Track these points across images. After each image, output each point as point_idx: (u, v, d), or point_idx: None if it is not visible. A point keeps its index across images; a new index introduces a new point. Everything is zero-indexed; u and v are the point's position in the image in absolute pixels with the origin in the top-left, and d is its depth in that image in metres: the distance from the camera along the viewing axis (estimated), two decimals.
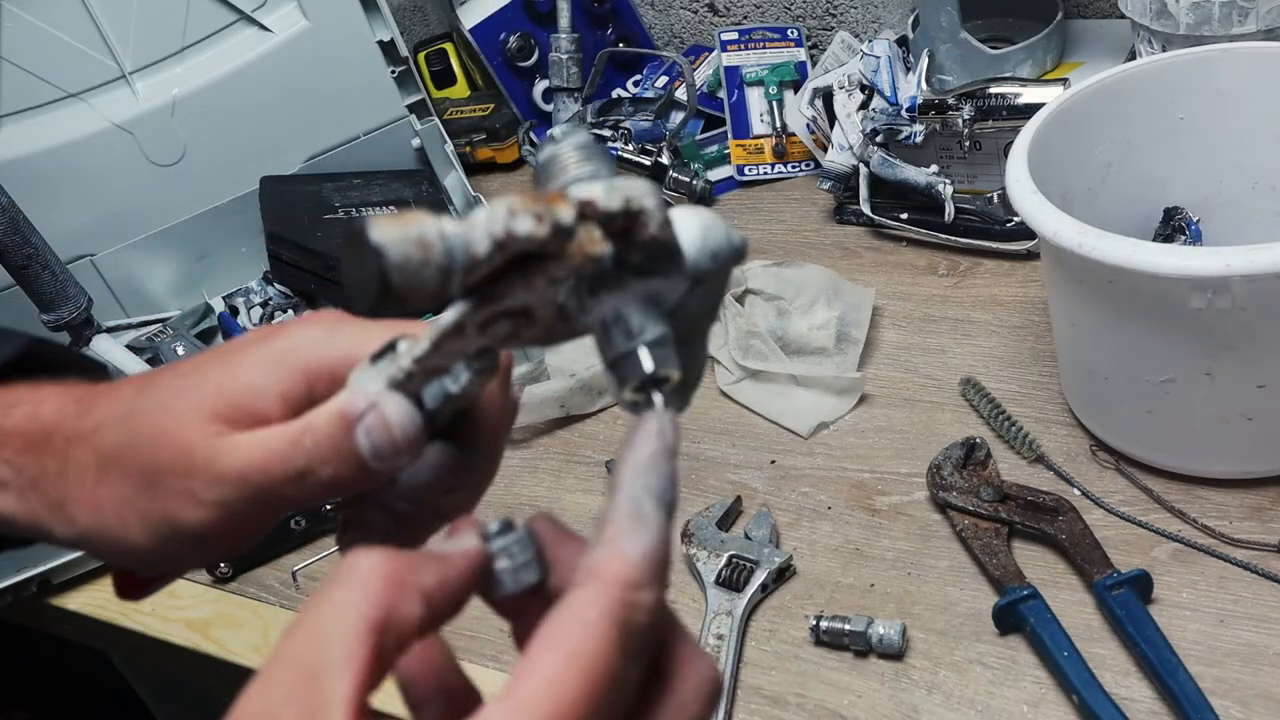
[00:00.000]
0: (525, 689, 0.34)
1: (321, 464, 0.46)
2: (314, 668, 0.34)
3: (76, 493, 0.49)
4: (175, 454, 0.47)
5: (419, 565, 0.38)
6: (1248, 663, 0.70)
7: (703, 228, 0.43)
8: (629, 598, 0.36)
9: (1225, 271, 0.68)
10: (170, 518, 0.47)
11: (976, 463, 0.86)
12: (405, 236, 0.36)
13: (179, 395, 0.48)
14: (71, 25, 1.14)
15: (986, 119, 1.09)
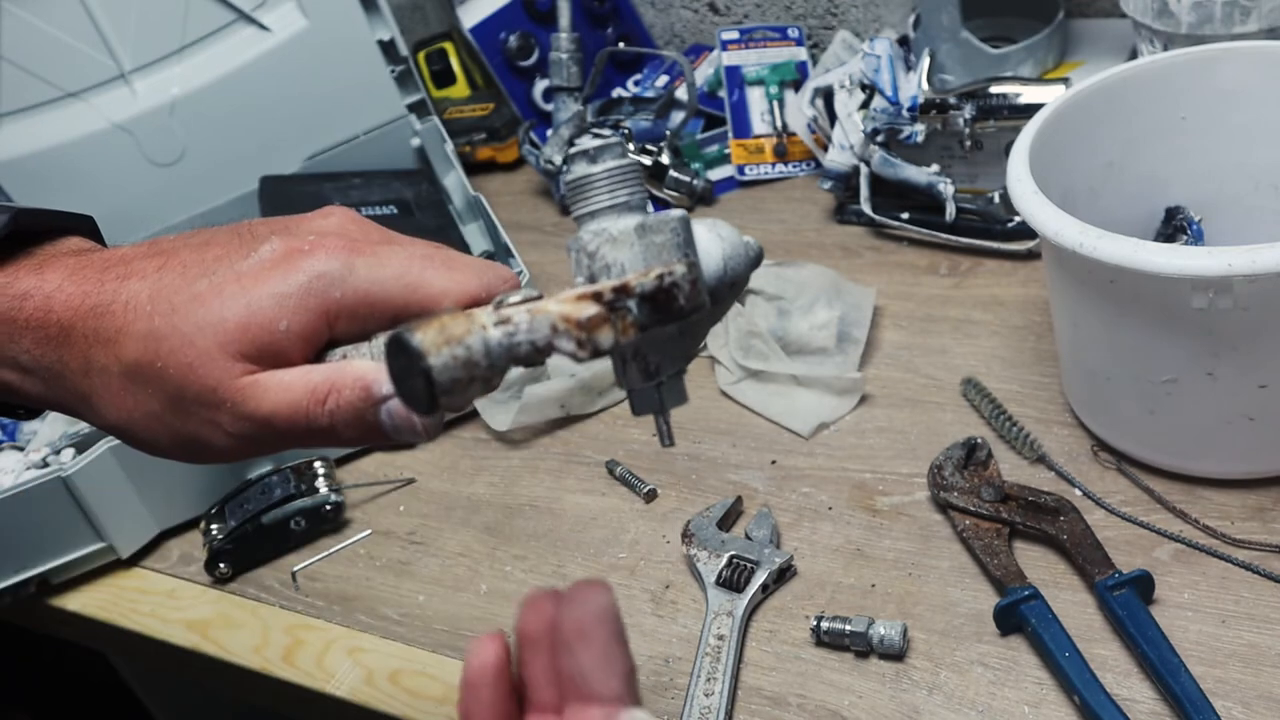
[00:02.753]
0: None
1: (345, 427, 0.49)
2: None
3: (104, 394, 0.52)
4: (202, 389, 0.50)
5: None
6: (1249, 663, 0.70)
7: (724, 259, 0.45)
8: None
9: (1227, 271, 0.68)
10: (197, 439, 0.51)
11: (978, 463, 0.85)
12: (453, 357, 0.40)
13: (202, 329, 0.49)
14: (70, 25, 1.14)
15: (988, 118, 1.09)
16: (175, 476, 0.98)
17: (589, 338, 0.41)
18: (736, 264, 0.45)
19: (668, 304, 0.42)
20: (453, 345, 0.39)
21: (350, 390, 0.49)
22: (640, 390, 0.44)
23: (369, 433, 0.49)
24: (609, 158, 0.44)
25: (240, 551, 0.95)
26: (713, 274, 0.45)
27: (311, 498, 0.96)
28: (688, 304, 0.42)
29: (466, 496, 0.99)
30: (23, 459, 1.01)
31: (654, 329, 0.42)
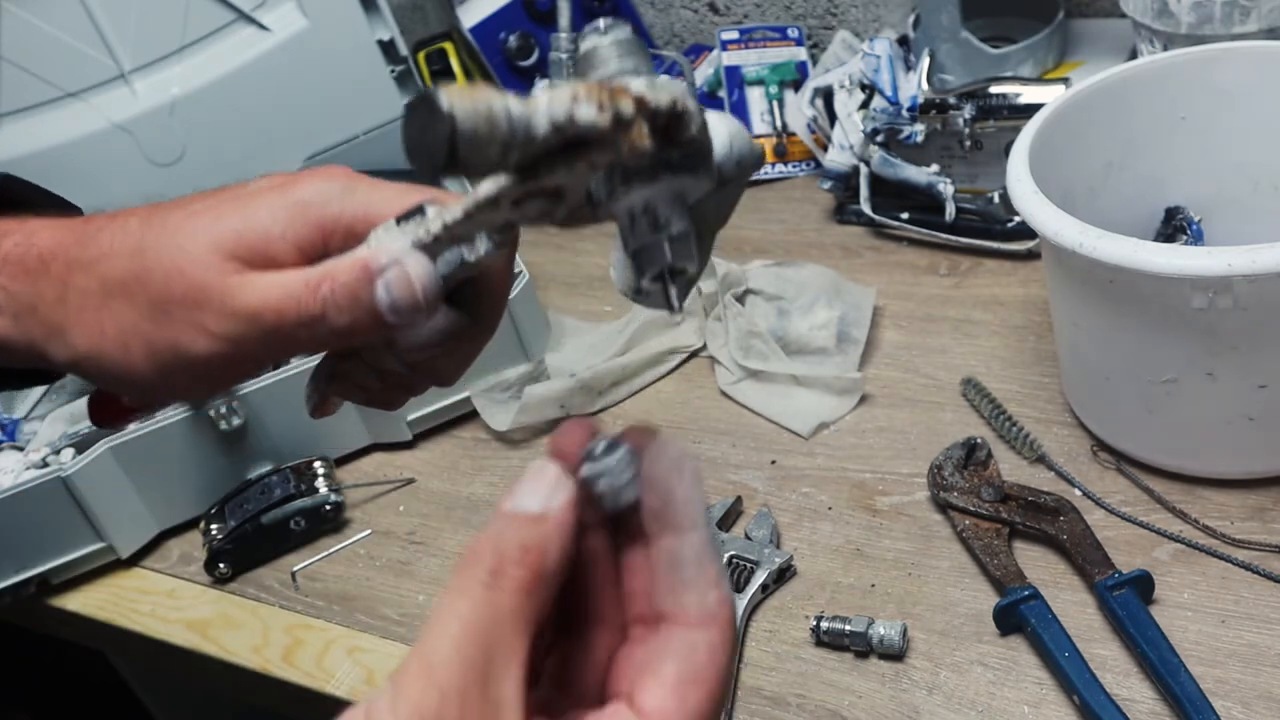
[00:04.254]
0: (656, 700, 0.37)
1: (337, 312, 0.47)
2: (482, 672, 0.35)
3: (76, 318, 0.49)
4: (188, 288, 0.48)
5: (550, 547, 0.38)
6: (1249, 663, 0.70)
7: (730, 135, 0.45)
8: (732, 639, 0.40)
9: (1227, 271, 0.68)
10: (177, 347, 0.48)
11: (977, 463, 0.85)
12: (475, 110, 0.38)
13: (194, 235, 0.48)
14: (70, 24, 1.14)
15: (987, 118, 1.09)
16: (175, 476, 0.98)
17: (610, 102, 0.39)
18: (742, 145, 0.45)
19: (678, 127, 0.41)
20: (477, 101, 0.38)
21: (346, 272, 0.47)
22: (648, 245, 0.43)
23: (363, 317, 0.47)
24: (618, 32, 0.43)
25: (240, 551, 0.95)
26: (720, 146, 0.44)
27: (311, 498, 0.96)
28: (698, 134, 0.42)
29: (466, 496, 0.99)
30: (22, 459, 1.01)
31: (663, 175, 0.42)
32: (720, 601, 0.39)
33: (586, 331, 1.11)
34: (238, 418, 0.97)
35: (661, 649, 0.38)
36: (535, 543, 0.37)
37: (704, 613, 0.38)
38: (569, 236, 1.30)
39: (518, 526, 0.37)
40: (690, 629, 0.38)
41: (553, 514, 0.38)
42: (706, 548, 0.39)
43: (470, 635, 0.35)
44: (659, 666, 0.38)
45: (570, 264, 1.21)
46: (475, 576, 0.36)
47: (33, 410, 1.11)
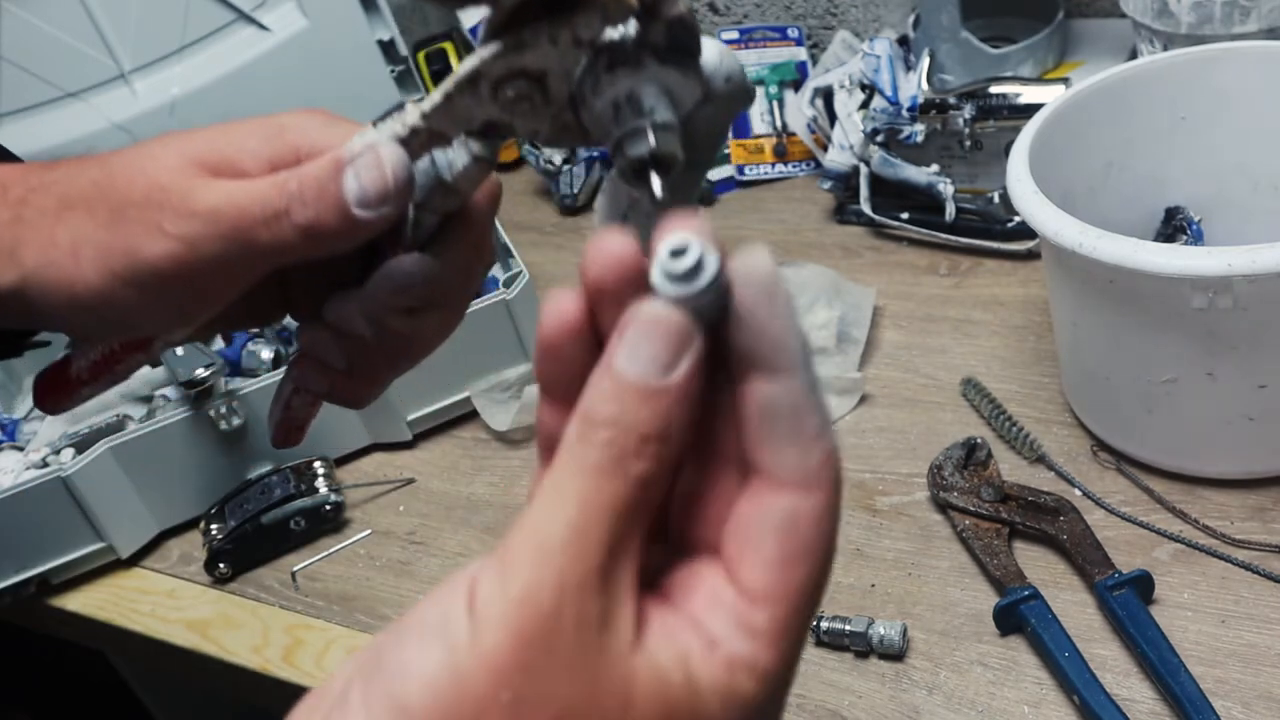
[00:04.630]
0: (758, 579, 0.33)
1: (301, 206, 0.44)
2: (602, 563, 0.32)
3: (29, 234, 0.47)
4: (148, 189, 0.46)
5: (675, 428, 0.33)
6: (1249, 663, 0.70)
7: (720, 51, 0.44)
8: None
9: (1227, 271, 0.68)
10: (130, 250, 0.45)
11: (977, 463, 0.85)
12: None
13: (165, 145, 0.47)
14: (70, 24, 1.14)
15: (987, 118, 1.09)
16: (175, 476, 0.98)
17: None
18: (731, 62, 0.44)
19: (663, 6, 0.40)
20: None
21: (315, 166, 0.45)
22: (631, 129, 0.40)
23: (329, 213, 0.44)
24: None
25: (240, 551, 0.95)
26: (709, 58, 0.43)
27: (311, 498, 0.96)
28: (684, 15, 0.41)
29: (466, 496, 0.99)
30: (22, 459, 1.01)
31: (647, 62, 0.40)
32: (824, 460, 0.34)
33: None
34: (238, 418, 0.98)
35: (760, 517, 0.34)
36: (659, 429, 0.32)
37: (806, 474, 0.34)
38: (568, 236, 1.30)
39: (640, 404, 0.32)
40: (791, 493, 0.34)
41: (678, 384, 0.32)
42: (808, 395, 0.34)
43: (590, 522, 0.31)
44: (759, 540, 0.33)
45: (570, 264, 1.21)
46: (592, 458, 0.32)
47: (33, 410, 1.11)
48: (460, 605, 0.31)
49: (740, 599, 0.33)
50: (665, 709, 0.31)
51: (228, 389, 0.99)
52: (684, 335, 0.32)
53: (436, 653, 0.30)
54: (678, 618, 0.33)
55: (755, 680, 0.32)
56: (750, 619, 0.33)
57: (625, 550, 0.32)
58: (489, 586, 0.31)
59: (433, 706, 0.29)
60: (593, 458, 0.32)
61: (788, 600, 0.33)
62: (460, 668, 0.30)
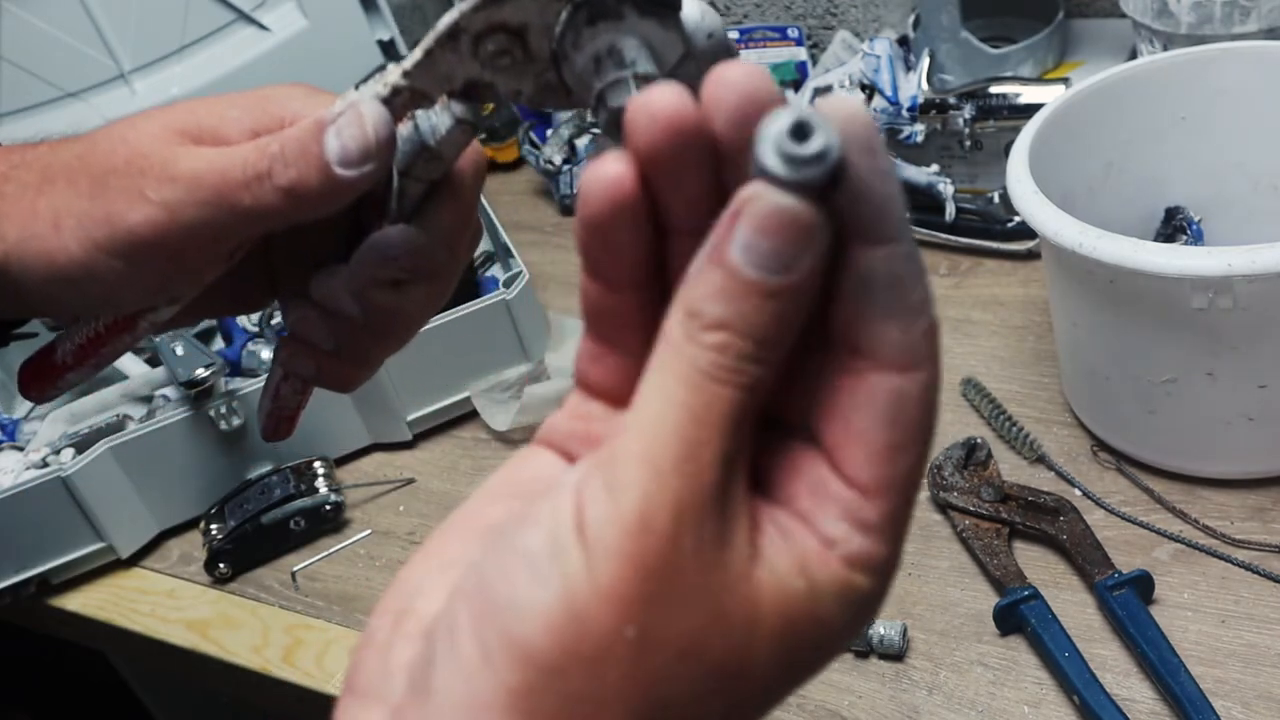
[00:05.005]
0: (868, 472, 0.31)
1: (283, 166, 0.44)
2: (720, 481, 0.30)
3: (9, 208, 0.47)
4: (129, 157, 0.45)
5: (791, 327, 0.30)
6: (1249, 663, 0.70)
7: (701, 8, 0.43)
8: None
9: (1227, 271, 0.68)
10: (111, 217, 0.45)
11: (977, 463, 0.85)
12: None
13: (147, 117, 0.47)
14: (70, 24, 1.14)
15: (987, 118, 1.09)
16: (175, 476, 0.98)
17: None
18: (714, 19, 0.43)
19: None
20: None
21: (297, 127, 0.45)
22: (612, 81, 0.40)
23: (310, 172, 0.44)
24: None
25: (240, 551, 0.95)
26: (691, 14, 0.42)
27: (311, 498, 0.96)
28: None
29: (466, 497, 0.98)
30: (22, 459, 1.01)
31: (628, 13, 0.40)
32: (927, 333, 0.33)
33: None
34: (237, 418, 0.98)
35: (864, 402, 0.32)
36: (777, 333, 0.29)
37: (911, 350, 0.33)
38: (569, 236, 1.29)
39: (759, 304, 0.29)
40: (896, 374, 0.32)
41: (799, 282, 0.29)
42: (911, 263, 0.32)
43: (703, 435, 0.29)
44: (865, 428, 0.32)
45: (570, 264, 1.21)
46: (702, 361, 0.29)
47: (33, 410, 1.11)
48: (568, 529, 0.29)
49: (850, 491, 0.31)
50: (787, 619, 0.30)
51: (228, 389, 0.99)
52: (810, 229, 0.29)
53: (552, 586, 0.28)
54: (788, 516, 0.31)
55: (871, 575, 0.31)
56: (862, 513, 0.31)
57: (738, 461, 0.30)
58: (597, 507, 0.29)
59: (556, 648, 0.28)
60: (703, 361, 0.29)
61: (896, 490, 0.32)
62: (579, 603, 0.28)
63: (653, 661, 0.28)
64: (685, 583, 0.28)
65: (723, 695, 0.29)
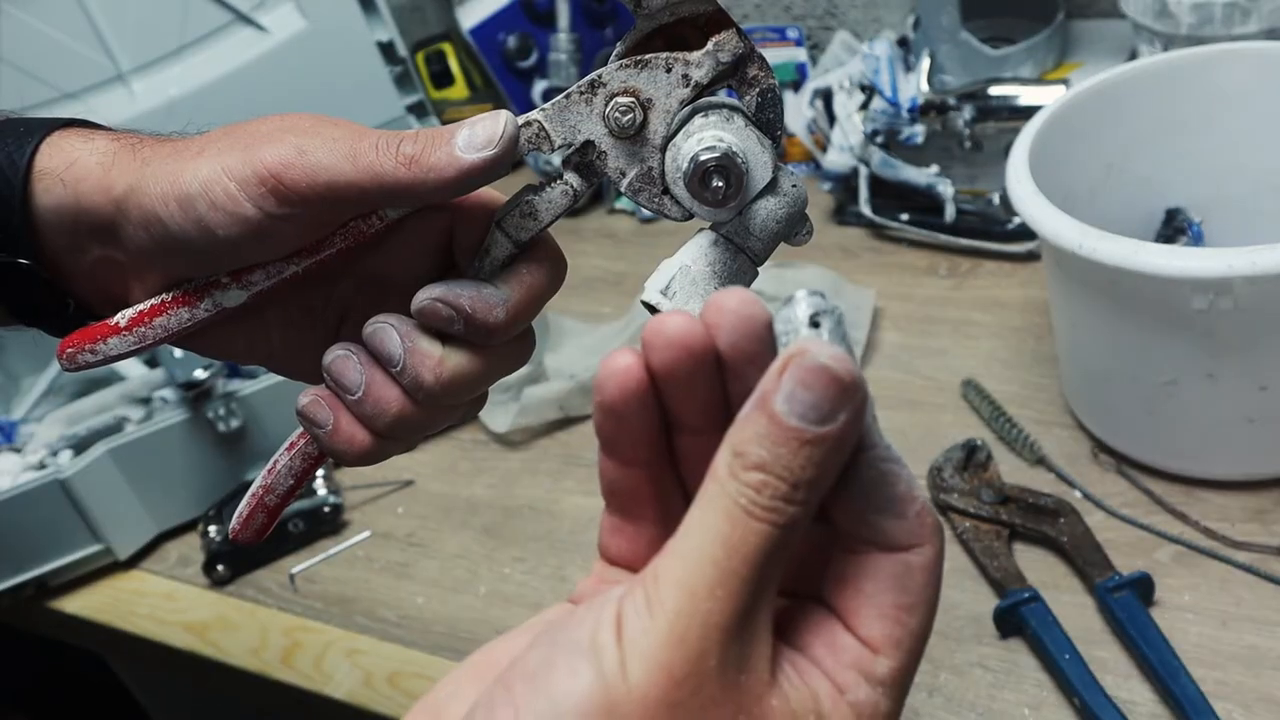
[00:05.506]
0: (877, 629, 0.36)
1: (413, 141, 0.46)
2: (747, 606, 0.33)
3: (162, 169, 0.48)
4: (280, 123, 0.48)
5: (829, 474, 0.34)
6: (1250, 665, 0.70)
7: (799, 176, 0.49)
8: None
9: (1227, 273, 0.68)
10: (248, 152, 0.47)
11: (977, 465, 0.85)
12: None
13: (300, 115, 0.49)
14: (68, 25, 1.14)
15: (987, 120, 1.09)
16: (174, 478, 0.98)
17: None
18: (802, 184, 0.49)
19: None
20: None
21: (437, 128, 0.48)
22: (710, 144, 0.45)
23: (436, 148, 0.46)
24: None
25: (238, 553, 0.95)
26: (787, 167, 0.48)
27: (310, 499, 0.96)
28: (779, 108, 0.47)
29: (465, 498, 0.98)
30: (20, 461, 1.01)
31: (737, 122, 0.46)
32: (921, 516, 0.36)
33: (586, 333, 1.11)
34: (236, 419, 0.97)
35: (872, 572, 0.36)
36: (813, 477, 0.32)
37: (907, 534, 0.36)
38: (568, 238, 1.29)
39: (797, 450, 0.32)
40: (899, 553, 0.36)
41: (838, 433, 0.32)
42: (893, 463, 0.36)
43: (737, 565, 0.32)
44: (873, 592, 0.36)
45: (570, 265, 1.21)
46: (743, 499, 0.32)
47: (31, 412, 1.10)
48: (609, 633, 0.32)
49: (861, 648, 0.35)
50: None
51: (226, 391, 0.99)
52: (849, 384, 0.32)
53: (589, 677, 0.31)
54: (805, 661, 0.35)
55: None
56: (872, 668, 0.35)
57: (766, 593, 0.33)
58: (637, 619, 0.32)
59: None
60: (744, 500, 0.32)
61: (904, 648, 0.35)
62: (612, 696, 0.31)
63: None
64: (708, 695, 0.32)
65: None
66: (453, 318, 0.48)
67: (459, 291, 0.48)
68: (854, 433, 0.33)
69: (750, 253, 0.50)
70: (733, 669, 0.32)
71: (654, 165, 0.47)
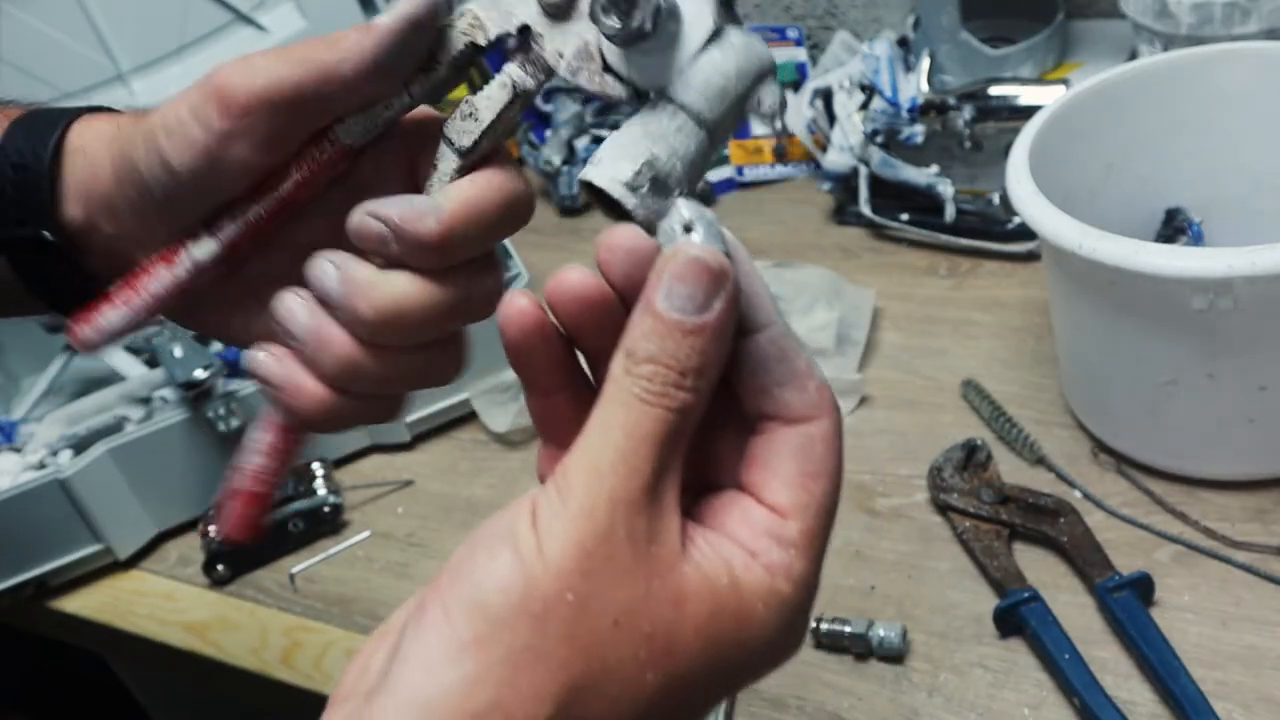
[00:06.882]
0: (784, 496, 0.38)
1: (343, 33, 0.48)
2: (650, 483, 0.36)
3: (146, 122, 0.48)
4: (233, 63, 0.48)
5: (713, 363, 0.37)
6: (1250, 665, 0.70)
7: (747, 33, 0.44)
8: None
9: (1227, 273, 0.68)
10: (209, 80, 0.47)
11: (977, 465, 0.85)
12: None
13: None
14: (68, 25, 1.14)
15: (987, 119, 1.09)
16: (173, 477, 0.98)
17: None
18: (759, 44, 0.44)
19: None
20: None
21: None
22: None
23: (365, 34, 0.48)
24: None
25: (238, 553, 0.95)
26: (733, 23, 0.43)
27: (309, 499, 0.96)
28: None
29: (465, 498, 0.98)
30: (20, 460, 1.01)
31: None
32: (821, 391, 0.38)
33: None
34: (236, 419, 0.97)
35: (777, 446, 0.38)
36: (697, 364, 0.36)
37: (808, 406, 0.38)
38: (568, 237, 1.29)
39: (679, 340, 0.36)
40: (799, 425, 0.38)
41: (714, 321, 0.36)
42: (791, 340, 0.39)
43: (636, 447, 0.35)
44: (779, 464, 0.38)
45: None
46: (636, 390, 0.36)
47: (31, 412, 1.10)
48: (525, 521, 0.35)
49: (771, 515, 0.38)
50: (714, 609, 0.36)
51: (226, 390, 0.99)
52: (719, 274, 0.36)
53: (507, 560, 0.34)
54: (717, 534, 0.37)
55: (792, 584, 0.38)
56: (782, 531, 0.37)
57: (668, 473, 0.36)
58: (548, 504, 0.35)
59: (507, 605, 0.33)
60: (637, 390, 0.35)
61: (812, 512, 0.38)
62: (529, 572, 0.34)
63: (589, 625, 0.34)
64: (620, 564, 0.34)
65: (654, 667, 0.35)
66: (384, 234, 0.45)
67: (387, 203, 0.45)
68: (731, 319, 0.37)
69: (693, 113, 0.43)
70: (642, 540, 0.35)
71: (590, 38, 0.44)
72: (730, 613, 0.36)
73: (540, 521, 0.35)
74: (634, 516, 0.35)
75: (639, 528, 0.35)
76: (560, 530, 0.34)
